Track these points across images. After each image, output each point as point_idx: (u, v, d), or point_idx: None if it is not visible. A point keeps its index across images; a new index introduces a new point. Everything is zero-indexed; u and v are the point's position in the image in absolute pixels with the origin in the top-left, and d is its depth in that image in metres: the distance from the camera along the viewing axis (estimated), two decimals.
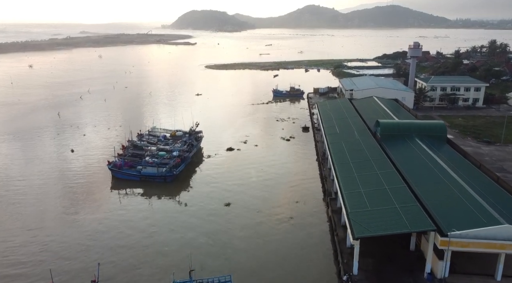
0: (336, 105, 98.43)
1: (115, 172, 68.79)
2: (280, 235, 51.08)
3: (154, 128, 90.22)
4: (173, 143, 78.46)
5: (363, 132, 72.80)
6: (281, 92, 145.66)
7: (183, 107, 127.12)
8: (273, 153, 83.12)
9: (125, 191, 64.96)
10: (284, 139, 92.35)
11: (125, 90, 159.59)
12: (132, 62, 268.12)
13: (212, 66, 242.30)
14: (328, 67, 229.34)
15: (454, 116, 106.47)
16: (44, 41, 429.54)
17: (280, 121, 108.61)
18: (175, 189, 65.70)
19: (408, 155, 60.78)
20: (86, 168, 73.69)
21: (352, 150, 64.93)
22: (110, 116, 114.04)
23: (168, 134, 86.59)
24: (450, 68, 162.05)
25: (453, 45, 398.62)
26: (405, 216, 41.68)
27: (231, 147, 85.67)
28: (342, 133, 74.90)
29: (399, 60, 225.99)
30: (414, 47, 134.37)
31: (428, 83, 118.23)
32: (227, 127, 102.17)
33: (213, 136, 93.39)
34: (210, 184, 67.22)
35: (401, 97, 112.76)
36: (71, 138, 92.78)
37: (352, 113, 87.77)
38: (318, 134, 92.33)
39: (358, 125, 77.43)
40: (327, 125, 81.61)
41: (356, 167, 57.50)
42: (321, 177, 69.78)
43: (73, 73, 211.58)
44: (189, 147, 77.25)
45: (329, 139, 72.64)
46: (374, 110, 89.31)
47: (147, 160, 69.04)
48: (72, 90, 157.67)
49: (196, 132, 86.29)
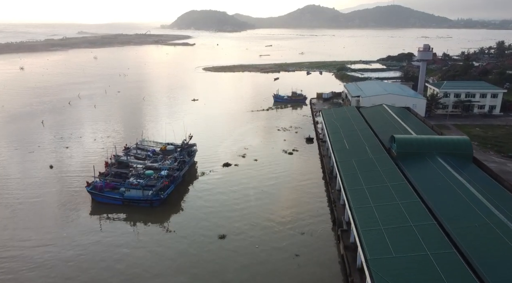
0: (342, 114, 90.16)
1: (95, 195, 60.50)
2: (286, 280, 42.79)
3: (143, 141, 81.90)
4: (162, 159, 70.06)
5: (376, 148, 64.54)
6: (282, 97, 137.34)
7: (177, 114, 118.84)
8: (274, 169, 74.80)
9: (106, 216, 56.75)
10: (286, 152, 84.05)
11: (118, 95, 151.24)
12: (127, 64, 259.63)
13: (210, 68, 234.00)
14: (331, 69, 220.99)
15: (471, 125, 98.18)
16: (39, 42, 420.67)
17: (281, 131, 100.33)
18: (162, 215, 57.46)
19: (431, 178, 52.47)
20: (63, 189, 65.19)
21: (365, 171, 56.69)
22: (98, 125, 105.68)
23: (158, 148, 78.34)
24: (460, 71, 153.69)
25: (458, 46, 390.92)
26: (440, 267, 33.39)
27: (227, 162, 77.36)
28: (352, 149, 66.69)
29: (405, 62, 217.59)
30: (424, 49, 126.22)
31: (441, 89, 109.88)
32: (224, 138, 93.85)
33: (208, 149, 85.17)
34: (203, 209, 58.90)
35: (412, 104, 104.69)
36: (52, 151, 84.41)
37: (361, 125, 79.51)
38: (323, 147, 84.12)
39: (369, 140, 69.19)
40: (334, 139, 73.35)
41: (371, 194, 49.28)
42: (329, 200, 61.47)
43: (65, 76, 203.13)
44: (180, 164, 68.90)
45: (337, 156, 64.41)
46: (385, 121, 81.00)
47: (131, 181, 60.68)
48: (62, 95, 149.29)
49: (189, 146, 77.99)
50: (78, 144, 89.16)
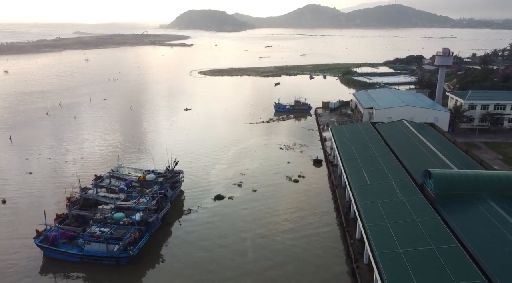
0: (356, 133, 76.45)
1: (46, 250, 46.94)
2: None
3: (119, 167, 68.25)
4: (138, 195, 56.40)
5: (405, 185, 51.03)
6: (284, 106, 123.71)
7: (166, 129, 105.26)
8: (277, 204, 61.34)
9: (61, 275, 43.41)
10: (290, 179, 70.51)
11: (103, 103, 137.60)
12: (120, 66, 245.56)
13: (206, 71, 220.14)
14: (335, 73, 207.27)
15: (504, 143, 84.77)
16: (31, 43, 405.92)
17: (284, 150, 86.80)
18: (132, 276, 44.08)
19: (485, 232, 39.11)
20: (10, 241, 51.31)
21: (396, 221, 43.18)
22: (72, 143, 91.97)
23: (137, 176, 64.81)
24: (479, 77, 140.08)
25: (464, 46, 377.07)
26: None
27: (220, 194, 63.86)
28: (374, 185, 53.10)
29: (414, 66, 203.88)
30: (444, 54, 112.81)
31: (466, 100, 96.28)
32: (218, 159, 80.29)
33: (198, 176, 71.74)
34: (186, 268, 45.40)
35: (434, 118, 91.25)
36: (11, 179, 70.84)
37: (381, 147, 65.95)
38: (334, 172, 70.60)
39: (394, 171, 55.64)
40: (351, 169, 59.72)
41: (413, 261, 35.84)
42: (347, 253, 48.00)
43: (50, 80, 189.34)
44: (160, 203, 55.28)
45: (357, 195, 50.89)
46: (409, 143, 67.24)
47: (92, 231, 47.11)
48: (41, 103, 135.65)
49: (174, 175, 64.46)
50: (45, 169, 75.39)
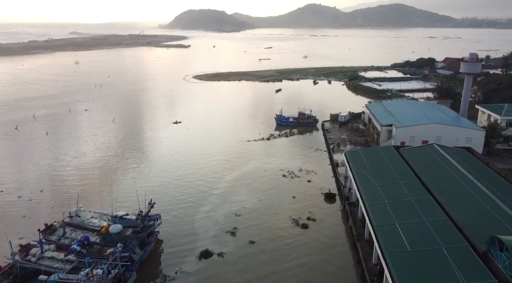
0: (378, 163, 61.28)
1: None
2: None
3: (79, 211, 53.36)
4: (93, 262, 41.39)
5: (460, 252, 36.37)
6: (287, 119, 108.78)
7: (150, 149, 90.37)
8: (281, 262, 46.53)
9: None
10: (297, 224, 55.66)
11: (84, 114, 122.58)
12: (110, 70, 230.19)
13: (202, 76, 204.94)
14: (341, 77, 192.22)
15: None
16: (20, 44, 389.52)
17: (288, 178, 71.94)
18: None
19: None
20: None
21: None
22: (34, 169, 76.86)
23: (102, 223, 50.21)
24: (504, 84, 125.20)
25: (471, 47, 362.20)
26: None
27: (207, 250, 49.08)
28: (418, 253, 38.22)
29: (427, 70, 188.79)
30: (471, 60, 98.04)
31: (503, 116, 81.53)
32: (207, 195, 65.28)
33: (180, 218, 56.96)
34: None
35: (466, 137, 76.56)
36: None
37: (415, 187, 50.92)
38: (353, 213, 55.77)
39: (444, 232, 40.47)
40: (379, 221, 44.75)
41: None
42: None
43: (31, 87, 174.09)
44: (122, 273, 40.31)
45: (394, 268, 35.95)
46: (453, 182, 51.69)
47: None
48: (12, 114, 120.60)
49: (147, 224, 49.59)
50: None
